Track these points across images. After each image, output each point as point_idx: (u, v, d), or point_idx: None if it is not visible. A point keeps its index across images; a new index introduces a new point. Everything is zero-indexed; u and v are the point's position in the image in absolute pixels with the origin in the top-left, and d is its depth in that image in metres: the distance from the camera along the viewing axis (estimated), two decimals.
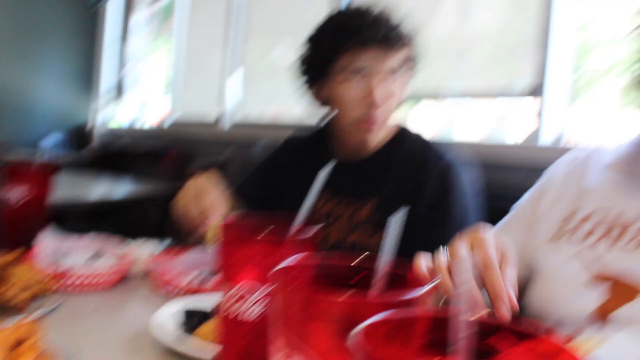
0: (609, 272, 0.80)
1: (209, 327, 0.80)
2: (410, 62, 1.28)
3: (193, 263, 1.20)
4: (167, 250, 1.26)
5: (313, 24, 1.33)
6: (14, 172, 1.22)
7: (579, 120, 1.81)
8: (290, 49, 3.43)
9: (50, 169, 1.29)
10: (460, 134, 2.49)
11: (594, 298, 0.81)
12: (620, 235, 0.82)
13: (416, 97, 2.52)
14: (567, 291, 0.85)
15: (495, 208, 1.08)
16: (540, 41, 1.83)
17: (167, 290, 1.07)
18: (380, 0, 1.30)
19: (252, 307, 0.58)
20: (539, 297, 0.90)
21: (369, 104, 1.20)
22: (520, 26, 2.06)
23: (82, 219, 2.44)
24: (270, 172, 1.48)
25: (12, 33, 5.14)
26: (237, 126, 3.61)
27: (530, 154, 1.66)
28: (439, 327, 0.35)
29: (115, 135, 5.13)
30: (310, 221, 0.65)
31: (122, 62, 5.19)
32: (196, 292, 1.03)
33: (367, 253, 0.51)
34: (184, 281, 1.06)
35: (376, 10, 1.25)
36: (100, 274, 1.07)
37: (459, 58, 2.39)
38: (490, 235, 0.70)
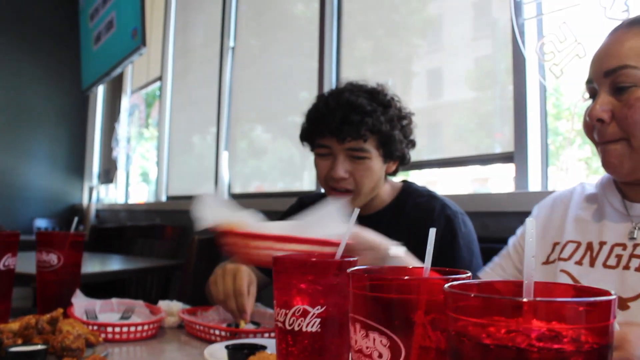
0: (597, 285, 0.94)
1: (256, 358, 0.91)
2: (383, 148, 1.38)
3: (223, 315, 1.32)
4: (193, 307, 1.36)
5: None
6: (51, 240, 1.33)
7: (555, 181, 1.98)
8: (266, 131, 3.67)
9: (82, 239, 1.40)
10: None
11: None
12: (598, 253, 0.97)
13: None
14: None
15: (492, 249, 1.23)
16: (515, 108, 2.01)
17: (202, 338, 1.17)
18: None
19: (312, 320, 0.71)
20: None
21: (331, 178, 1.37)
22: (492, 95, 2.28)
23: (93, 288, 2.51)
24: None
25: (5, 119, 5.30)
26: (235, 197, 3.73)
27: (520, 200, 1.79)
28: None
29: (111, 211, 5.21)
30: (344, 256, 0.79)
31: (113, 144, 5.35)
32: (231, 338, 1.13)
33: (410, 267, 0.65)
34: (218, 330, 1.17)
35: (338, 102, 1.37)
36: (139, 325, 1.18)
37: (435, 129, 2.61)
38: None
